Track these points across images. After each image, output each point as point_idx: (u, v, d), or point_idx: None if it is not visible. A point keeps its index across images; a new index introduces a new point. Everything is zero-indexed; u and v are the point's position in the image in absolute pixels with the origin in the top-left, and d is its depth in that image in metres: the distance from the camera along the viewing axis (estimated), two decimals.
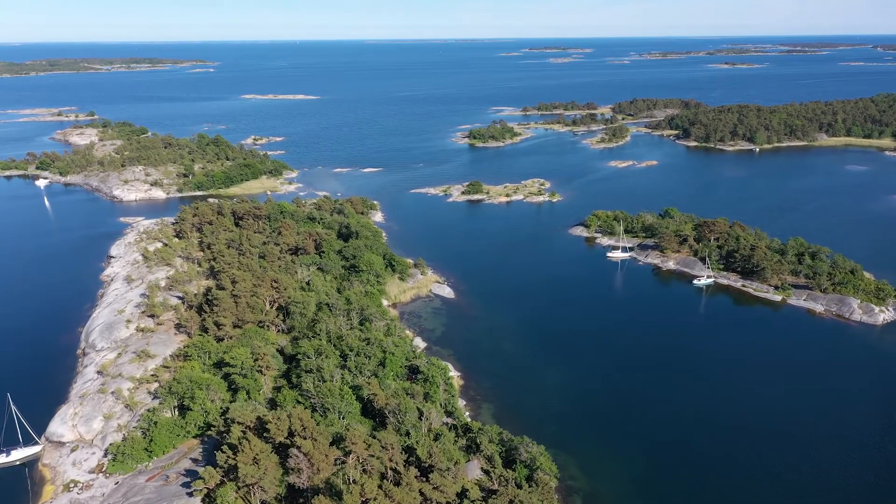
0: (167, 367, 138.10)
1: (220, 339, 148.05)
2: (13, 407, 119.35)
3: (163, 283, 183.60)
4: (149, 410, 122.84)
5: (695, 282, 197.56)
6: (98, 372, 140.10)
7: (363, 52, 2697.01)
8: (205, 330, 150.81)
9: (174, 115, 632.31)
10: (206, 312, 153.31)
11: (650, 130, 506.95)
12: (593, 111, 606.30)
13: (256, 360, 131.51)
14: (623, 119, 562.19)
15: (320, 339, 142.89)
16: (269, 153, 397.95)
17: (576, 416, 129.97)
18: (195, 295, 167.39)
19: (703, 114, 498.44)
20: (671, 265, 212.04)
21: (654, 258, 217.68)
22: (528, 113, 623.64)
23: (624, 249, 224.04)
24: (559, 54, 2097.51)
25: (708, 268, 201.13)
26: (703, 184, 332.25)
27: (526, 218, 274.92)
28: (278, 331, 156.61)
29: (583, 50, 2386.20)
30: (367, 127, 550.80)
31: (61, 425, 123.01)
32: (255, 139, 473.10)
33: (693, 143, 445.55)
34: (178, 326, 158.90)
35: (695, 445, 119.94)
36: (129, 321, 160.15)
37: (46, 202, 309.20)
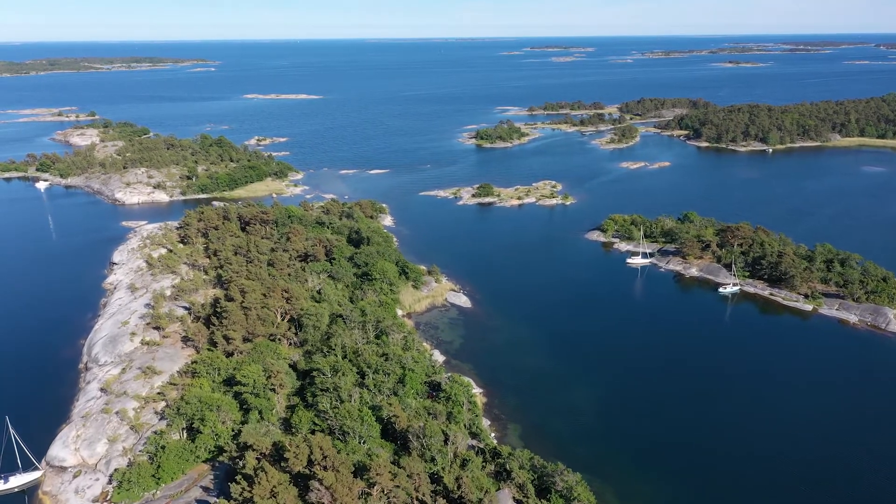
0: (174, 385, 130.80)
1: (229, 354, 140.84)
2: (11, 430, 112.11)
3: (168, 293, 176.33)
4: (156, 433, 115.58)
5: (721, 290, 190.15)
6: (101, 389, 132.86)
7: (364, 51, 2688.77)
8: (213, 344, 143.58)
9: (176, 116, 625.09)
10: (214, 325, 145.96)
11: (659, 131, 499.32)
12: (600, 111, 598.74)
13: (269, 377, 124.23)
14: (631, 119, 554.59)
15: (335, 355, 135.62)
16: (273, 154, 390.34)
17: (608, 436, 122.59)
18: (202, 306, 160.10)
19: (712, 114, 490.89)
20: (694, 272, 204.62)
21: (675, 264, 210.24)
22: (534, 113, 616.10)
23: (644, 255, 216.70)
24: (561, 53, 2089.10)
25: (734, 275, 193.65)
26: (717, 186, 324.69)
27: (539, 222, 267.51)
28: (290, 344, 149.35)
29: (584, 49, 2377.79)
30: (371, 127, 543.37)
31: (63, 449, 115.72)
32: (258, 140, 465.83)
33: (704, 144, 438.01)
34: (185, 339, 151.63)
35: (733, 470, 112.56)
36: (133, 334, 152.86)
37: (46, 205, 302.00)
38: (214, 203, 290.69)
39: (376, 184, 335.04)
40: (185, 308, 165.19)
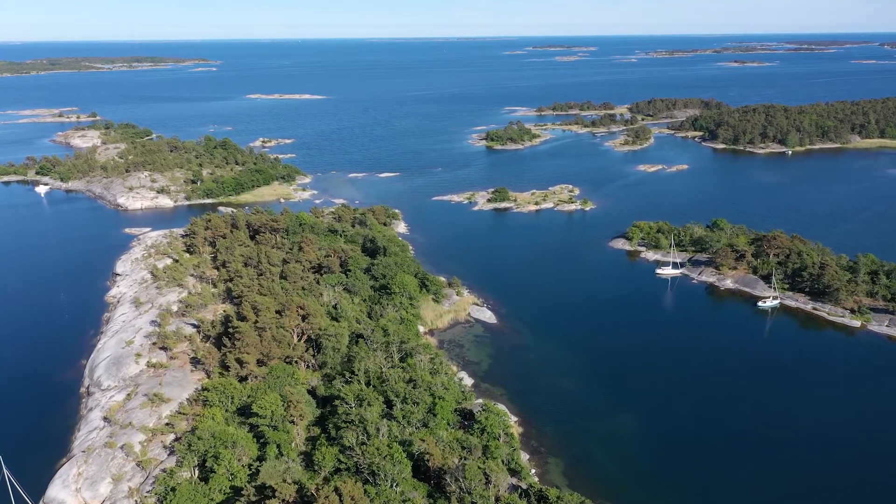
0: (184, 414, 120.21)
1: (242, 379, 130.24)
2: (6, 471, 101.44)
3: (175, 308, 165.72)
4: (164, 471, 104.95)
5: (760, 304, 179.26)
6: (105, 419, 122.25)
7: (365, 50, 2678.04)
8: (225, 367, 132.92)
9: (178, 116, 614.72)
10: (226, 347, 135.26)
11: (673, 132, 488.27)
12: (611, 111, 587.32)
13: (287, 407, 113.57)
14: (643, 120, 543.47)
15: (359, 381, 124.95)
16: (279, 157, 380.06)
17: (660, 473, 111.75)
18: (212, 323, 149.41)
19: (727, 114, 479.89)
20: (729, 284, 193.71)
21: (708, 276, 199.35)
22: (542, 113, 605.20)
23: (675, 265, 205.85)
24: (564, 53, 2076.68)
25: (773, 288, 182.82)
26: (740, 190, 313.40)
27: (559, 228, 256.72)
28: (307, 366, 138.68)
29: (587, 48, 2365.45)
30: (379, 128, 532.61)
31: (62, 489, 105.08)
32: (263, 141, 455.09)
33: (721, 146, 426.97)
34: (194, 361, 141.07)
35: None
36: (138, 355, 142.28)
37: (46, 210, 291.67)
38: (221, 209, 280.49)
39: (387, 188, 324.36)
40: (194, 326, 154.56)
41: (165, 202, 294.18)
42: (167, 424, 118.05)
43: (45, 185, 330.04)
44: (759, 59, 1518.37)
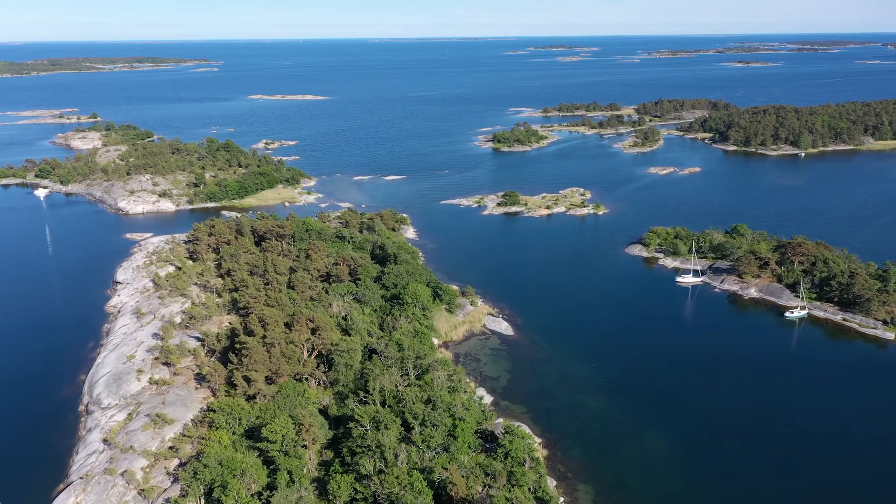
0: (189, 437, 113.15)
1: (250, 397, 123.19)
2: None
3: (178, 320, 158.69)
4: (168, 501, 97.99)
5: (787, 314, 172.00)
6: (104, 441, 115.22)
7: (367, 50, 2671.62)
8: (232, 384, 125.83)
9: (179, 117, 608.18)
10: (232, 363, 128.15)
11: (682, 133, 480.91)
12: (617, 112, 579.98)
13: (299, 431, 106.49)
14: (650, 121, 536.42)
15: (374, 401, 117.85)
16: (283, 159, 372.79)
17: (695, 500, 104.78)
18: (217, 337, 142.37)
19: (737, 115, 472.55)
20: (753, 293, 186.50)
21: (731, 284, 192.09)
22: (548, 114, 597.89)
23: (695, 273, 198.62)
24: (566, 53, 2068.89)
25: (801, 298, 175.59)
26: (756, 193, 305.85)
27: (572, 234, 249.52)
28: (318, 383, 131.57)
29: (589, 48, 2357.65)
30: (383, 129, 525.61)
31: None
32: (266, 143, 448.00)
33: (732, 148, 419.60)
34: (198, 377, 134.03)
35: None
36: (140, 371, 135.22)
37: (45, 214, 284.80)
38: (224, 213, 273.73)
39: (393, 191, 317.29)
40: (198, 339, 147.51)
41: (167, 206, 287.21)
42: (171, 448, 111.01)
43: (45, 188, 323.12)
44: (762, 60, 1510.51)
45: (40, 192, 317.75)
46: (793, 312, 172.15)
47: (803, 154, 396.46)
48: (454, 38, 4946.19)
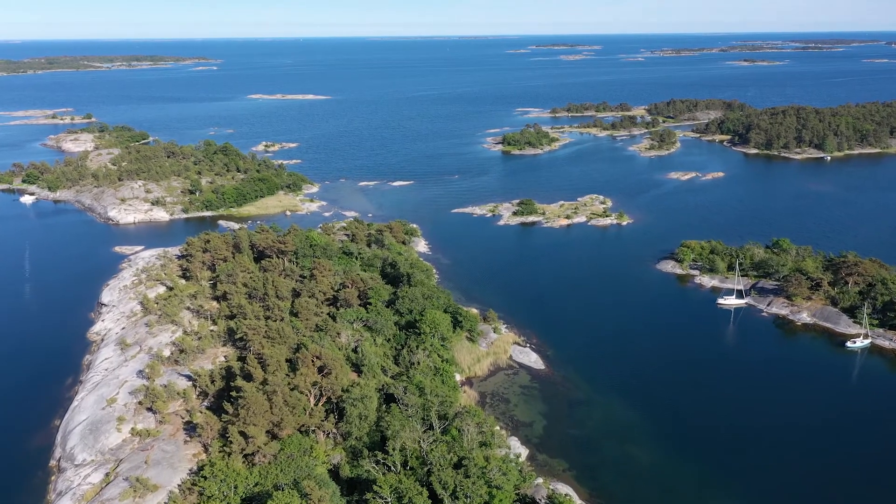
0: None
1: (248, 455, 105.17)
2: None
3: (167, 352, 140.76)
4: None
5: (848, 344, 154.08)
6: None
7: (368, 49, 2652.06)
8: (226, 439, 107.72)
9: (177, 118, 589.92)
10: (227, 413, 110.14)
11: (699, 135, 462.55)
12: (629, 113, 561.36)
13: None
14: (664, 122, 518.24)
15: (393, 461, 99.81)
16: (284, 163, 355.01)
17: None
18: (210, 377, 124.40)
19: (755, 116, 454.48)
20: (805, 317, 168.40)
21: (779, 307, 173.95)
22: (557, 115, 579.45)
23: (738, 294, 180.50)
24: (569, 51, 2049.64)
25: (863, 325, 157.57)
26: (787, 201, 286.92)
27: (596, 246, 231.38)
28: (326, 435, 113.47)
29: (591, 47, 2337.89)
30: (388, 130, 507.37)
31: None
32: (266, 146, 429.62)
33: (753, 151, 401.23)
34: (188, 426, 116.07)
35: None
36: (121, 419, 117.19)
37: (30, 224, 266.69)
38: (221, 223, 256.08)
39: (401, 198, 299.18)
40: (189, 378, 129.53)
41: (161, 215, 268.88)
42: None
43: (31, 195, 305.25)
44: (768, 59, 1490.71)
45: (27, 199, 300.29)
46: (855, 342, 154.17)
47: (829, 158, 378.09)
48: (454, 36, 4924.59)
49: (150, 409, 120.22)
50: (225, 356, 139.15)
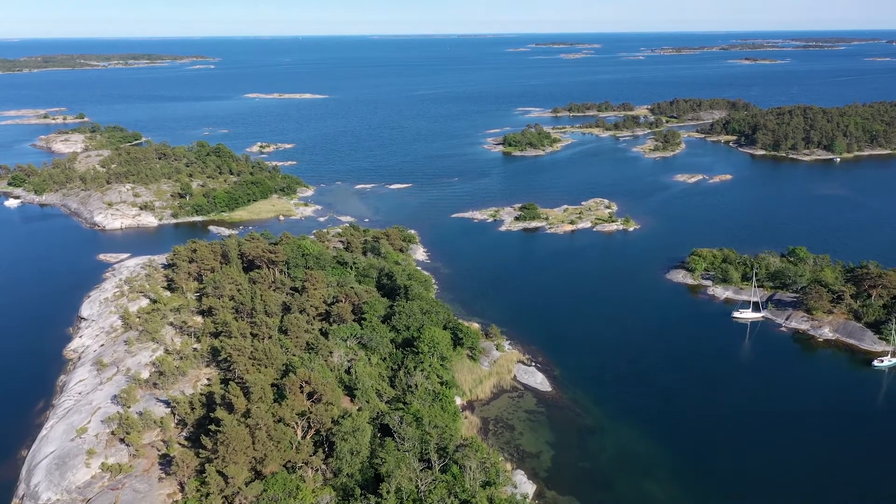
0: None
1: (228, 496, 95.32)
2: None
3: (145, 374, 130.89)
4: None
5: (875, 362, 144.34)
6: None
7: (367, 47, 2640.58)
8: (204, 477, 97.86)
9: (172, 118, 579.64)
10: (205, 449, 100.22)
11: (704, 136, 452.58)
12: (631, 112, 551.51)
13: None
14: (667, 122, 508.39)
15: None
16: (278, 164, 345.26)
17: None
18: (190, 404, 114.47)
19: (762, 117, 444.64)
20: (827, 332, 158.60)
21: (798, 321, 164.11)
22: (558, 115, 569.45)
23: (755, 307, 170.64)
24: (569, 50, 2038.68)
25: (891, 343, 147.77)
26: (798, 204, 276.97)
27: (602, 254, 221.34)
28: (314, 470, 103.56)
29: (591, 45, 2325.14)
30: (386, 130, 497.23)
31: None
32: (261, 147, 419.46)
33: (760, 152, 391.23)
34: (163, 460, 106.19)
35: None
36: (91, 452, 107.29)
37: (13, 230, 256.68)
38: (212, 229, 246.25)
39: (399, 202, 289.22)
40: (167, 405, 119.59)
41: (149, 220, 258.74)
42: None
43: (17, 198, 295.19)
44: (769, 57, 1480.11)
45: (12, 203, 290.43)
46: (882, 360, 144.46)
47: (839, 159, 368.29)
48: (454, 34, 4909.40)
49: (122, 441, 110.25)
50: (208, 378, 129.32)
